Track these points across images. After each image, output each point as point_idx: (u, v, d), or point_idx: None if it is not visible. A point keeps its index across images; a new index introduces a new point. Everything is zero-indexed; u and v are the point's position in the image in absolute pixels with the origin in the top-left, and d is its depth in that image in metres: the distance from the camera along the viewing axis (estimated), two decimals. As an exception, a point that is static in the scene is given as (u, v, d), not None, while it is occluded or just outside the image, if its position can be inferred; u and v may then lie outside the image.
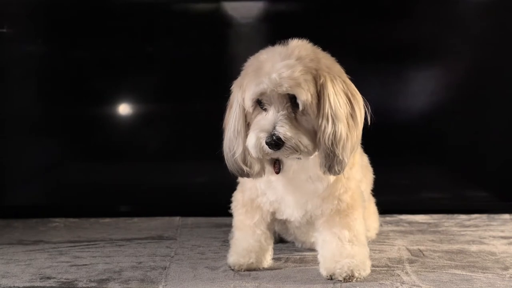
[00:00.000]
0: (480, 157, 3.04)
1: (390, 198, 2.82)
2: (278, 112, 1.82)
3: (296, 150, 1.82)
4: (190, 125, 2.99)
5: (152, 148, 3.06)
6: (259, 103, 1.87)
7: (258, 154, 1.85)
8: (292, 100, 1.83)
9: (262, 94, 1.84)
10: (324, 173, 1.88)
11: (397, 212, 2.94)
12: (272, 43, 1.92)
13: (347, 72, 1.99)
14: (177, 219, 2.88)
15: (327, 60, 1.91)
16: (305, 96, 1.81)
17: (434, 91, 3.01)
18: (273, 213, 2.09)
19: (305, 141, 1.82)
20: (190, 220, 2.87)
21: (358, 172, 2.04)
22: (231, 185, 2.21)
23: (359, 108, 1.89)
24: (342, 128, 1.82)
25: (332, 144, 1.82)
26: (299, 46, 1.92)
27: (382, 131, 2.94)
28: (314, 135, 1.85)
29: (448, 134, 3.03)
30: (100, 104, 3.03)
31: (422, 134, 3.02)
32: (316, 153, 1.87)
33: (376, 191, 2.41)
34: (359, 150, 2.08)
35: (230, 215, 2.19)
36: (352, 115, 1.86)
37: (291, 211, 2.03)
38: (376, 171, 2.34)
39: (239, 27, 2.99)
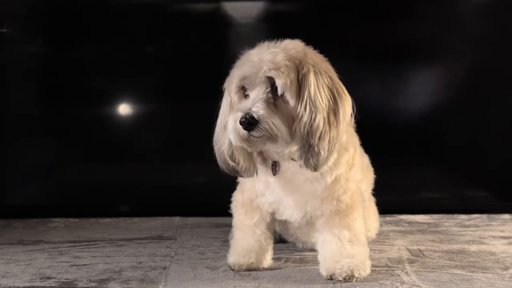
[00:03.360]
0: (480, 157, 3.04)
1: (390, 198, 2.82)
2: (258, 95, 1.84)
3: (270, 133, 1.81)
4: (190, 125, 2.99)
5: (152, 148, 3.06)
6: (244, 90, 1.88)
7: (236, 139, 1.84)
8: (273, 86, 1.84)
9: (244, 78, 1.86)
10: (300, 166, 1.88)
11: (397, 212, 2.94)
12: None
13: (347, 72, 1.99)
14: (177, 219, 2.89)
15: (315, 57, 1.92)
16: (283, 79, 1.82)
17: (434, 91, 3.01)
18: (272, 214, 2.09)
19: (279, 124, 1.81)
20: (190, 220, 2.87)
21: (358, 172, 2.04)
22: (231, 185, 2.21)
23: (343, 106, 1.86)
24: (320, 119, 1.81)
25: (307, 133, 1.81)
26: (290, 43, 1.94)
27: (382, 131, 2.95)
28: (292, 123, 1.84)
29: (448, 134, 3.03)
30: (100, 104, 3.03)
31: (422, 134, 3.02)
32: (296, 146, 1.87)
33: (376, 191, 2.41)
34: (359, 151, 2.07)
35: (230, 215, 2.19)
36: (335, 111, 1.84)
37: (290, 212, 2.03)
38: (376, 171, 2.34)
39: (239, 27, 2.99)
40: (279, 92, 1.83)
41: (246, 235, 2.10)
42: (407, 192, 3.06)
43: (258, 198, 2.05)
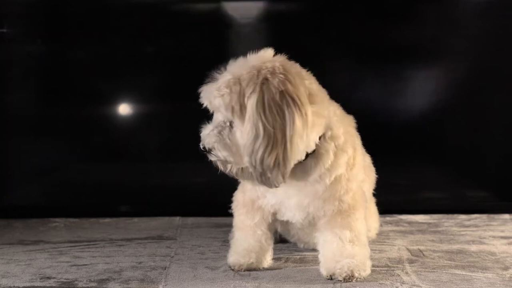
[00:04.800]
0: (480, 157, 3.04)
1: (390, 198, 2.81)
2: (216, 121, 1.90)
3: (222, 160, 1.89)
4: (190, 125, 2.98)
5: (152, 148, 3.06)
6: None
7: None
8: None
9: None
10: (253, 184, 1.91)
11: (397, 212, 2.94)
12: (272, 43, 1.91)
13: (347, 72, 2.00)
14: (177, 219, 2.88)
15: (275, 69, 1.86)
16: (224, 110, 1.86)
17: (434, 91, 3.01)
18: (274, 214, 2.08)
19: (223, 153, 1.87)
20: (190, 220, 2.87)
21: (360, 172, 2.03)
22: (231, 185, 2.21)
23: (292, 118, 1.79)
24: (259, 143, 1.79)
25: (250, 157, 1.82)
26: (252, 58, 1.90)
27: (382, 131, 2.95)
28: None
29: (448, 134, 3.03)
30: (100, 104, 3.03)
31: (422, 134, 3.02)
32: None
33: (376, 191, 2.41)
34: (360, 151, 2.07)
35: (230, 215, 2.19)
36: (283, 126, 1.79)
37: (292, 214, 2.02)
38: (376, 171, 2.34)
39: (239, 27, 2.99)
40: (224, 121, 1.88)
41: (247, 235, 2.10)
42: (407, 192, 3.06)
43: (260, 199, 2.05)
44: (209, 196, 2.97)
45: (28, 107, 3.04)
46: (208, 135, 1.89)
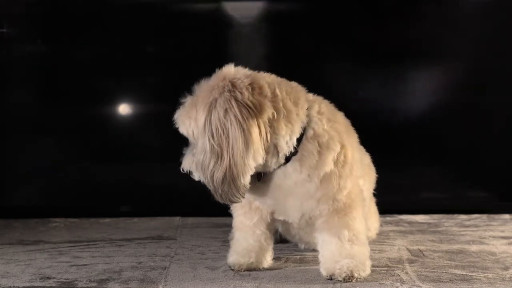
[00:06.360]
0: (480, 157, 3.04)
1: (390, 198, 2.81)
2: (191, 145, 1.98)
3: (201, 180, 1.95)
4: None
5: (152, 148, 3.06)
6: None
7: None
8: None
9: None
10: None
11: (397, 212, 2.94)
12: (272, 43, 1.92)
13: (347, 72, 1.99)
14: (177, 219, 2.89)
15: (233, 84, 1.89)
16: (185, 131, 1.95)
17: (433, 91, 3.01)
18: (272, 213, 2.08)
19: (198, 173, 1.94)
20: (190, 220, 2.87)
21: (354, 169, 2.01)
22: (231, 185, 2.21)
23: (234, 137, 1.84)
24: (206, 160, 1.88)
25: (202, 174, 1.91)
26: (214, 78, 1.95)
27: (382, 131, 2.95)
28: None
29: (448, 134, 3.03)
30: (100, 104, 3.03)
31: (422, 134, 3.02)
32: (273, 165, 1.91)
33: (376, 191, 2.41)
34: (354, 147, 2.04)
35: (230, 215, 2.19)
36: (228, 145, 1.84)
37: (287, 214, 2.03)
38: (376, 171, 2.34)
39: (239, 27, 2.99)
40: (192, 141, 1.96)
41: (246, 235, 2.10)
42: (407, 192, 3.06)
43: (256, 200, 2.05)
44: (209, 196, 2.96)
45: (28, 107, 3.04)
46: (185, 158, 1.99)
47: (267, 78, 1.94)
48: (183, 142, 3.09)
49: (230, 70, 1.95)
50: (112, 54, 3.02)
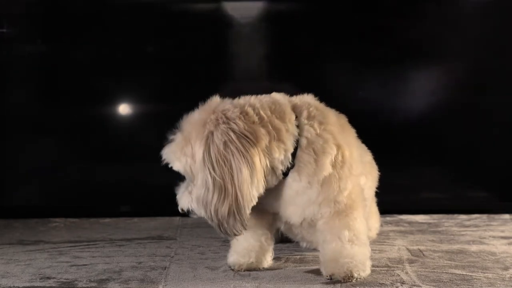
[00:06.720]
0: (480, 157, 3.04)
1: (390, 198, 2.81)
2: (186, 181, 1.96)
3: (202, 216, 1.92)
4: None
5: (152, 148, 3.06)
6: None
7: None
8: None
9: None
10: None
11: (397, 212, 2.94)
12: (272, 43, 1.92)
13: (347, 73, 1.99)
14: (177, 219, 2.89)
15: (226, 114, 1.89)
16: (181, 168, 1.93)
17: (433, 91, 3.01)
18: (274, 214, 2.08)
19: (200, 211, 1.91)
20: (190, 220, 2.85)
21: (354, 168, 2.00)
22: (231, 185, 2.21)
23: (238, 168, 1.83)
24: (209, 195, 1.85)
25: (205, 209, 1.88)
26: (199, 111, 1.95)
27: (382, 131, 2.95)
28: None
29: (448, 134, 3.03)
30: (100, 104, 3.03)
31: (422, 134, 3.02)
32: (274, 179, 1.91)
33: (377, 191, 2.41)
34: (353, 146, 2.03)
35: (230, 215, 2.19)
36: (232, 174, 1.83)
37: (289, 219, 2.03)
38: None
39: (239, 27, 2.99)
40: (186, 177, 1.95)
41: (247, 235, 2.10)
42: (407, 192, 3.06)
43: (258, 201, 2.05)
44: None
45: (28, 107, 3.04)
46: (181, 197, 1.95)
47: (250, 101, 1.93)
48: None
49: (216, 101, 1.95)
50: (112, 54, 3.02)
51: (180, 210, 1.96)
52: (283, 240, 2.36)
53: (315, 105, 2.00)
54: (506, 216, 2.89)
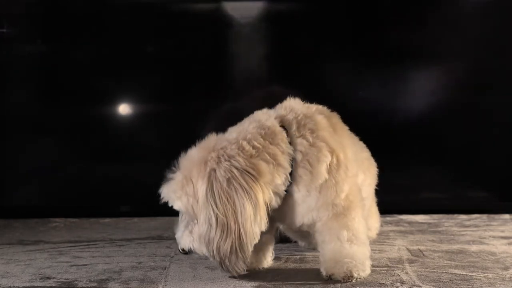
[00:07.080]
0: (480, 157, 3.04)
1: (390, 198, 2.81)
2: (186, 219, 1.94)
3: (205, 255, 1.91)
4: (190, 124, 3.00)
5: (152, 148, 3.06)
6: None
7: None
8: None
9: None
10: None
11: (397, 212, 2.94)
12: (272, 43, 1.92)
13: (347, 73, 1.99)
14: (177, 219, 2.88)
15: (224, 150, 1.89)
16: (183, 207, 1.91)
17: (434, 92, 3.01)
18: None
19: (202, 249, 1.90)
20: (190, 220, 2.87)
21: (349, 169, 1.99)
22: (231, 185, 2.21)
23: (242, 205, 1.83)
24: (211, 232, 1.85)
25: (207, 247, 1.87)
26: (198, 149, 1.94)
27: (382, 131, 2.95)
28: None
29: (448, 134, 3.03)
30: (100, 104, 3.03)
31: (422, 134, 3.02)
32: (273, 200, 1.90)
33: (376, 191, 2.41)
34: (350, 143, 2.04)
35: (230, 215, 2.19)
36: (235, 211, 1.83)
37: (289, 225, 2.04)
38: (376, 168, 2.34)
39: (239, 27, 2.99)
40: (186, 215, 1.93)
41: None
42: (407, 192, 3.06)
43: None
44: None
45: (28, 107, 3.04)
46: (182, 237, 1.94)
47: (241, 134, 1.92)
48: (183, 141, 3.10)
49: (214, 139, 1.94)
50: (112, 54, 3.02)
51: (180, 250, 1.94)
52: (283, 239, 2.37)
53: (303, 111, 1.99)
54: (506, 216, 2.89)
